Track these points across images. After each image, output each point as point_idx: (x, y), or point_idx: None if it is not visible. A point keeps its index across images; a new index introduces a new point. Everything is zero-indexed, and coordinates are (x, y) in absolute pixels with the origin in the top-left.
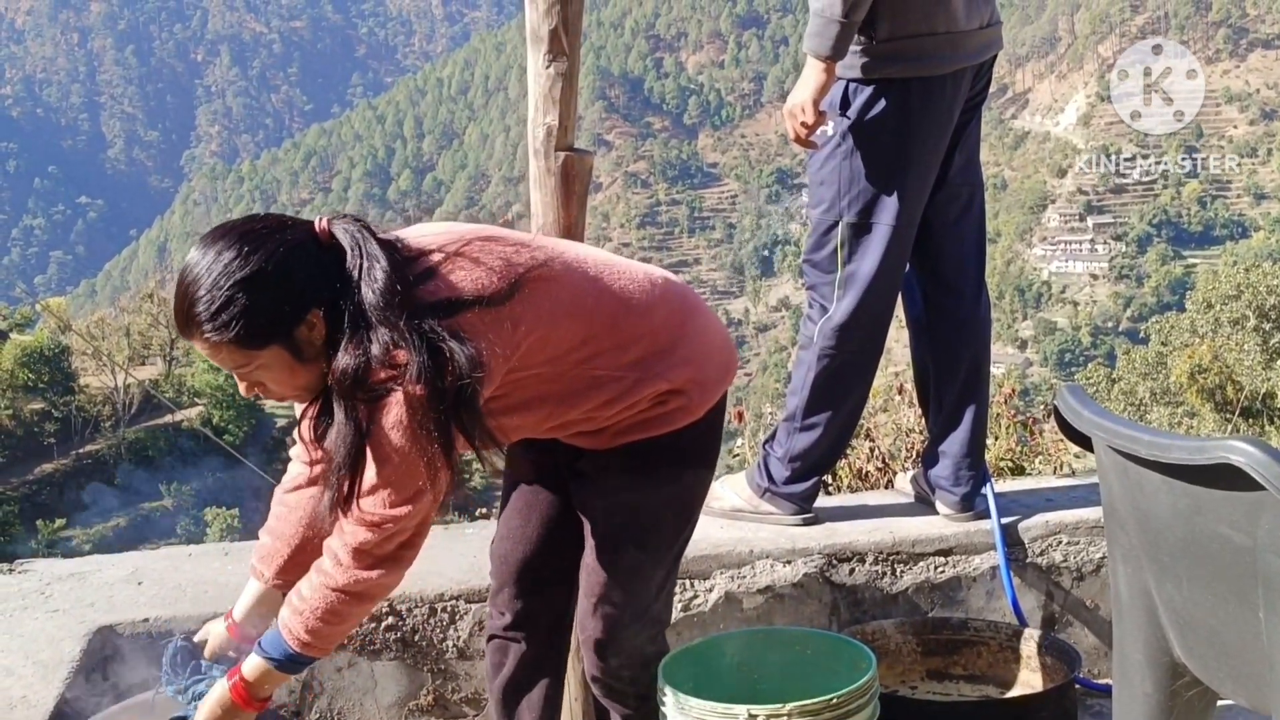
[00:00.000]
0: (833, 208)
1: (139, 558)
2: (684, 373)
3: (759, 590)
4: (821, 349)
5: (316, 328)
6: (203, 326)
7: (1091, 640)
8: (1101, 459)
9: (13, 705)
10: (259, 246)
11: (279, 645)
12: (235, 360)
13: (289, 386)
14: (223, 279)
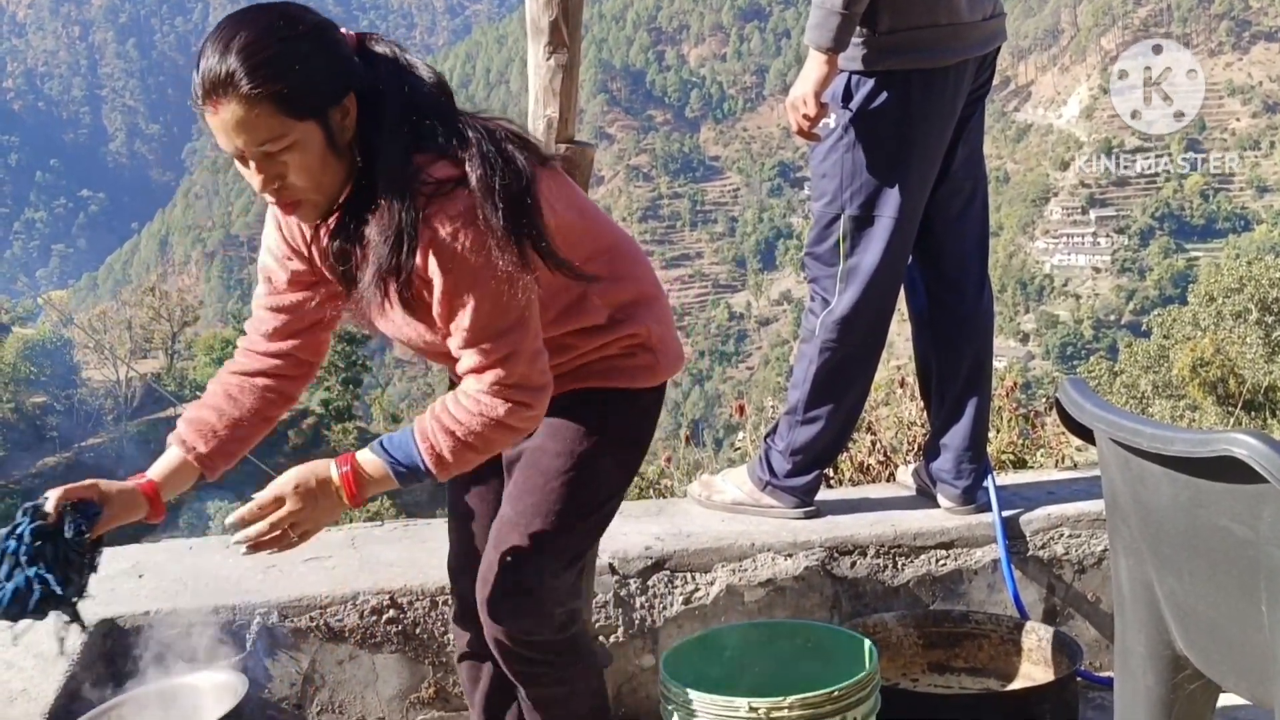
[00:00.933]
0: (835, 200)
1: (140, 551)
2: (658, 331)
3: (760, 583)
4: (823, 342)
5: (350, 115)
6: (240, 80)
7: (1093, 633)
8: (1103, 452)
9: (13, 698)
10: (302, 15)
11: (411, 454)
12: (268, 129)
13: (313, 180)
14: (268, 33)
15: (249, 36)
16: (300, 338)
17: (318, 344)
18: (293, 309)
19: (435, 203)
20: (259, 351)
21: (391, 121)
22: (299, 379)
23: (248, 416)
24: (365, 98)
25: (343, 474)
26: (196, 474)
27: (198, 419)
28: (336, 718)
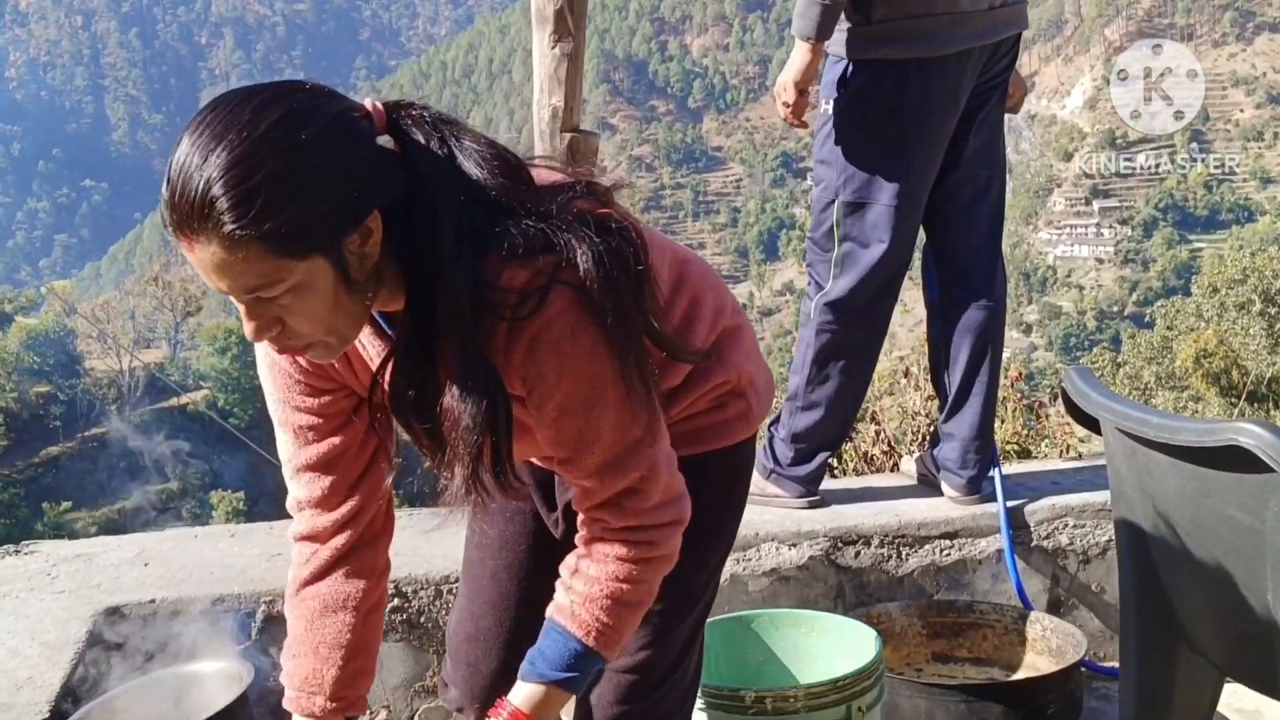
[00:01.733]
0: (830, 187)
1: (145, 539)
2: (748, 370)
3: (764, 573)
4: (819, 325)
5: (373, 237)
6: (224, 215)
7: (1097, 623)
8: (1110, 441)
9: (19, 686)
10: (313, 109)
11: (566, 652)
12: (260, 274)
13: (322, 324)
14: (263, 146)
15: (236, 151)
16: (361, 488)
17: (380, 481)
18: (340, 455)
19: (524, 320)
20: (321, 534)
21: (447, 233)
22: (380, 540)
23: (350, 630)
24: (401, 206)
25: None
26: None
27: (301, 673)
28: None
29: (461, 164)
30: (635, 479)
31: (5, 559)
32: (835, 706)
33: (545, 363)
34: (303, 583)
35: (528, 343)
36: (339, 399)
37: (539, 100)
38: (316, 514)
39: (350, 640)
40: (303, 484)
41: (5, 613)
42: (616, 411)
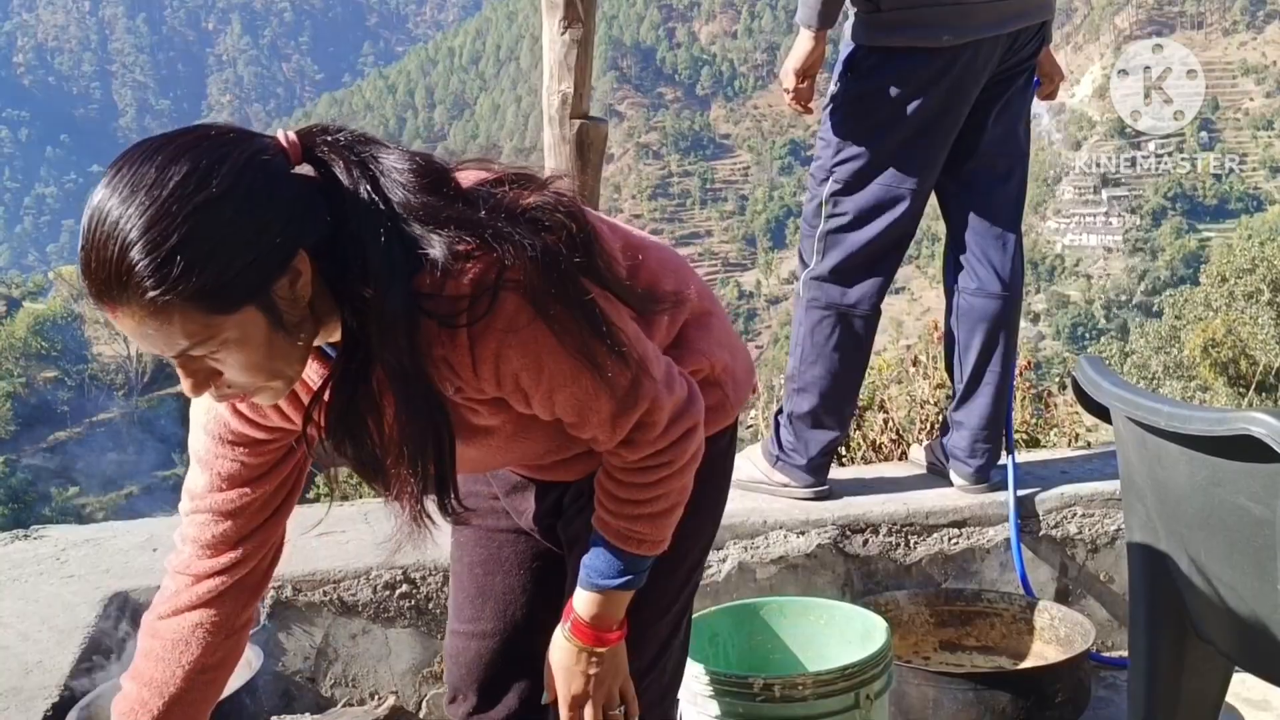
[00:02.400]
0: (824, 164)
1: (154, 524)
2: (721, 357)
3: (772, 560)
4: (808, 301)
5: (303, 277)
6: (144, 281)
7: (1105, 613)
8: (1120, 430)
9: (28, 670)
10: (222, 157)
11: (616, 560)
12: (189, 334)
13: (261, 372)
14: (174, 205)
15: (147, 213)
16: (249, 542)
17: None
18: (245, 507)
19: (481, 320)
20: (194, 574)
21: (374, 260)
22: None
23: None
24: (327, 238)
25: (572, 632)
26: None
27: (121, 707)
28: (350, 691)
29: (383, 186)
30: (641, 414)
31: (15, 544)
32: (843, 694)
33: (521, 358)
34: (157, 615)
35: (494, 348)
36: (266, 449)
37: (548, 86)
38: (199, 555)
39: (174, 692)
40: (196, 524)
41: (15, 597)
42: (600, 374)
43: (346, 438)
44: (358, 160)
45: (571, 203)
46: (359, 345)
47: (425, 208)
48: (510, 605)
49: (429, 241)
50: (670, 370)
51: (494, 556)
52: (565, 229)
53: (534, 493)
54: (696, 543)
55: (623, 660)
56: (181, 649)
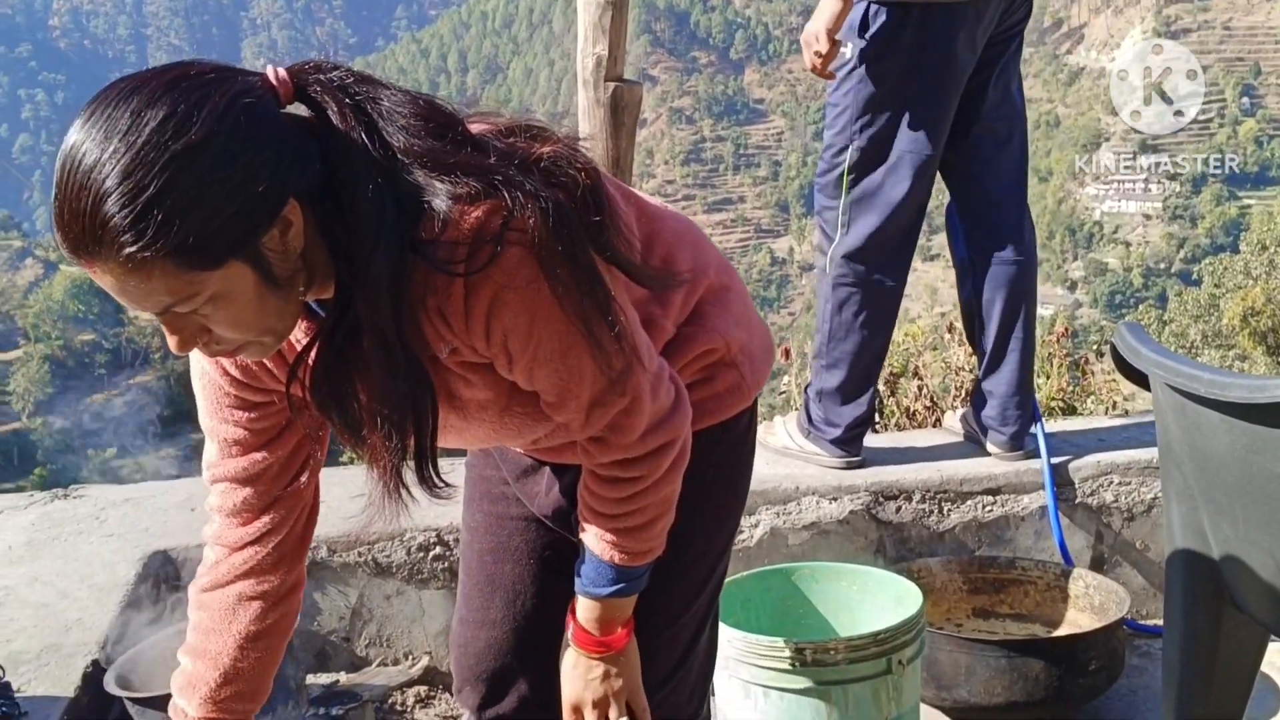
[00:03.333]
0: (844, 131)
1: (192, 484)
2: (737, 335)
3: (804, 526)
4: (835, 278)
5: (294, 227)
6: (121, 236)
7: (1140, 581)
8: (1158, 397)
9: (68, 627)
10: (203, 99)
11: (605, 571)
12: (172, 290)
13: (250, 327)
14: (151, 153)
15: (121, 163)
16: (278, 508)
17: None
18: (262, 472)
19: (479, 273)
20: (230, 544)
21: (366, 215)
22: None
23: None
24: (321, 183)
25: (573, 638)
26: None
27: (178, 682)
28: (384, 651)
29: (381, 128)
30: (619, 413)
31: (55, 503)
32: (875, 659)
33: (513, 317)
34: (201, 588)
35: (489, 300)
36: (269, 413)
37: (583, 49)
38: (228, 524)
39: (228, 665)
40: (219, 493)
41: (55, 555)
42: (590, 354)
43: (331, 401)
44: (353, 103)
45: (587, 160)
46: (351, 304)
47: (428, 152)
48: (520, 595)
49: (432, 188)
50: (662, 371)
51: (504, 545)
52: (579, 186)
53: (545, 477)
54: (717, 537)
55: (632, 669)
56: (230, 619)
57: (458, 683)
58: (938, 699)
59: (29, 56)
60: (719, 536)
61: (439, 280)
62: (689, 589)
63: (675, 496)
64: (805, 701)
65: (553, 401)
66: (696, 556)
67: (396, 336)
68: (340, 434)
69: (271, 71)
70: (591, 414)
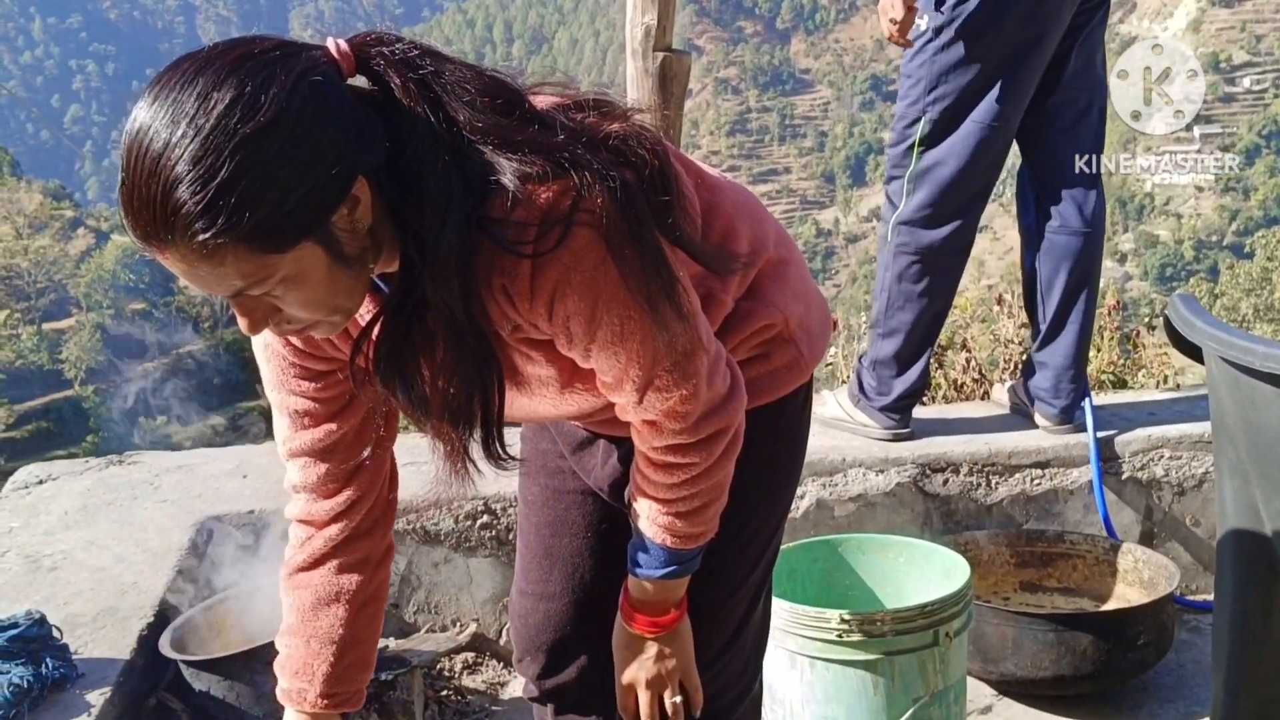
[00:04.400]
0: (917, 102)
1: (243, 452)
2: (795, 310)
3: (850, 498)
4: (896, 246)
5: (361, 206)
6: (193, 223)
7: (1189, 557)
8: (1212, 371)
9: (124, 591)
10: (269, 79)
11: (661, 555)
12: (244, 274)
13: (320, 306)
14: (220, 138)
15: (190, 148)
16: (359, 478)
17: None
18: (336, 443)
19: (547, 255)
20: (316, 520)
21: (433, 192)
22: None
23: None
24: (388, 157)
25: (625, 618)
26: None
27: (293, 666)
28: (432, 617)
29: (446, 104)
30: (677, 398)
31: (110, 469)
32: (922, 631)
33: (577, 300)
34: (296, 568)
35: (555, 281)
36: (335, 382)
37: (632, 19)
38: (312, 500)
39: (343, 635)
40: (298, 468)
41: (110, 520)
42: (653, 339)
43: (395, 377)
44: (418, 78)
45: (656, 138)
46: (418, 280)
47: (495, 129)
48: (578, 568)
49: (499, 166)
50: (720, 356)
51: (561, 518)
52: (648, 165)
53: (600, 450)
54: (771, 513)
55: (685, 648)
56: (335, 593)
57: (518, 653)
58: (984, 672)
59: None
60: (773, 513)
61: (506, 259)
62: (743, 565)
63: (728, 482)
64: (851, 673)
65: (610, 382)
66: (751, 533)
67: (465, 315)
68: (404, 410)
69: (333, 44)
70: (647, 397)
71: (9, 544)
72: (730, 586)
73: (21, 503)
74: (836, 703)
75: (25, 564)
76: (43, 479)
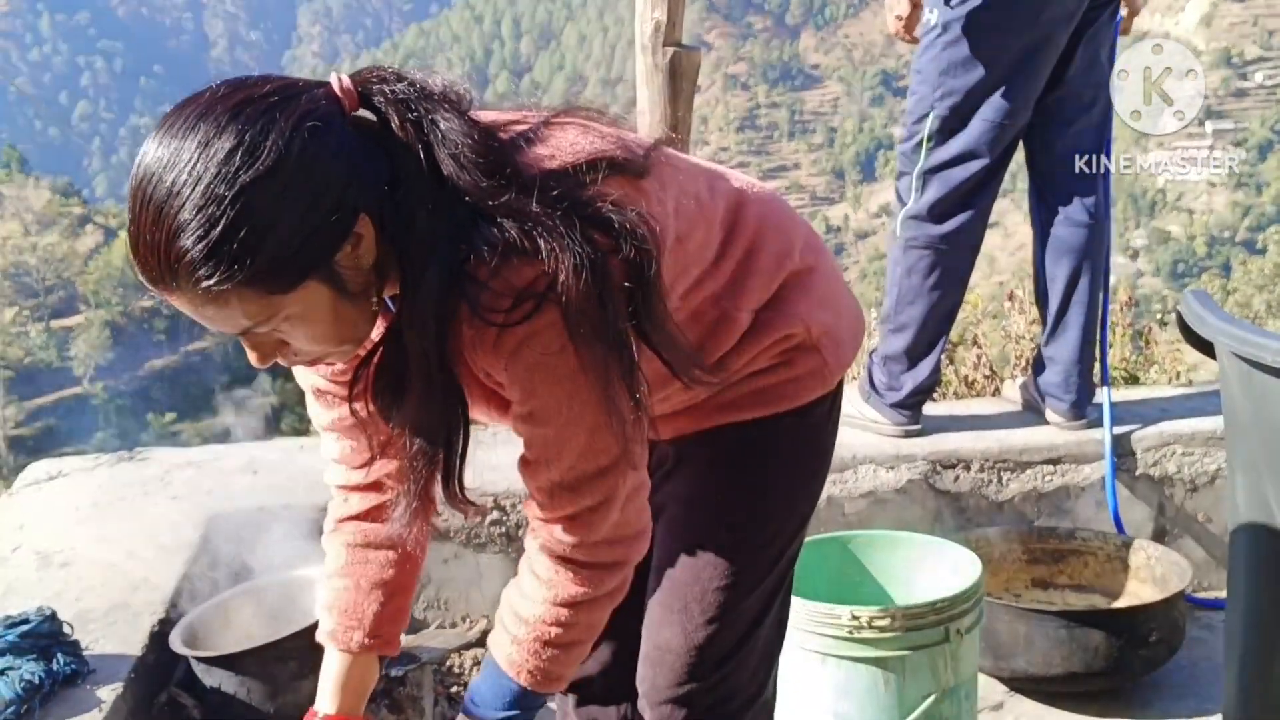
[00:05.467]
0: (925, 99)
1: (254, 448)
2: (821, 318)
3: (861, 495)
4: (905, 241)
5: (364, 242)
6: (196, 269)
7: (1202, 554)
8: (1225, 366)
9: (135, 587)
10: (268, 125)
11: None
12: (250, 315)
13: (328, 340)
14: (221, 186)
15: (191, 198)
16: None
17: None
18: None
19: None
20: (355, 488)
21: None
22: None
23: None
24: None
25: None
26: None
27: (341, 606)
28: (442, 614)
29: (436, 155)
30: (584, 508)
31: (120, 465)
32: (933, 628)
33: (527, 372)
34: (340, 519)
35: (513, 347)
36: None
37: (641, 14)
38: (348, 471)
39: (391, 578)
40: (330, 441)
41: (121, 516)
42: (588, 435)
43: (385, 400)
44: (414, 120)
45: (645, 231)
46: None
47: (475, 189)
48: None
49: (476, 230)
50: (643, 486)
51: None
52: (630, 251)
53: None
54: (790, 518)
55: None
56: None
57: None
58: (995, 669)
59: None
60: (792, 518)
61: (475, 324)
62: (760, 567)
63: (599, 629)
64: (862, 669)
65: (531, 459)
66: (769, 536)
67: (436, 357)
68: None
69: (336, 81)
70: (556, 495)
71: (20, 540)
72: (746, 587)
73: (32, 499)
74: (847, 699)
75: (36, 560)
76: (53, 475)
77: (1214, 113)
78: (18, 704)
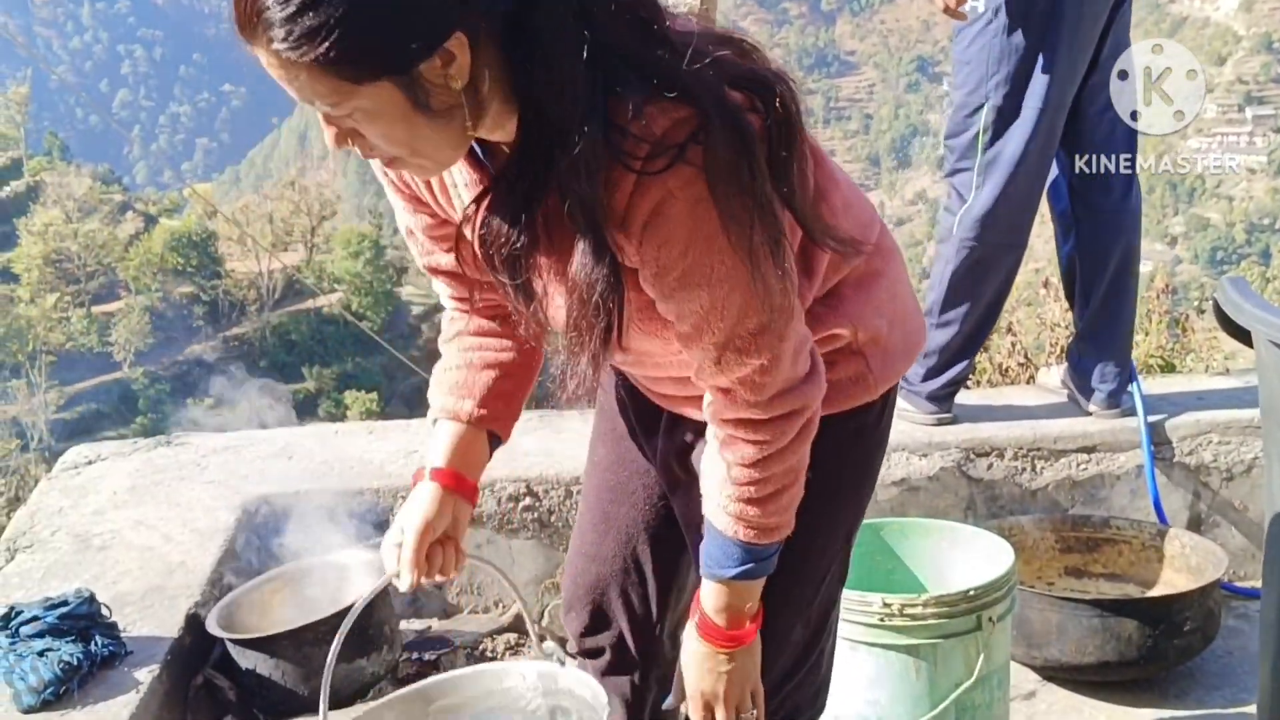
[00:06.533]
0: (978, 89)
1: (288, 433)
2: (873, 324)
3: (894, 482)
4: (961, 240)
5: (456, 62)
6: (272, 33)
7: (1239, 543)
8: (1262, 354)
9: (172, 570)
10: None
11: (731, 551)
12: (318, 93)
13: (400, 145)
14: None
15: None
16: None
17: None
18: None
19: (653, 176)
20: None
21: (571, 70)
22: None
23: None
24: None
25: (699, 630)
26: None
27: (451, 379)
28: (475, 599)
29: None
30: (755, 367)
31: (158, 449)
32: (965, 616)
33: (672, 229)
34: (456, 332)
35: (654, 203)
36: (442, 218)
37: (675, 1)
38: (460, 304)
39: (505, 361)
40: (438, 282)
41: (158, 500)
42: (743, 291)
43: (500, 258)
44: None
45: (791, 91)
46: (533, 160)
47: (629, 39)
48: (632, 539)
49: (625, 78)
50: (806, 338)
51: (623, 485)
52: (775, 115)
53: (664, 424)
54: (836, 531)
55: (756, 660)
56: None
57: (565, 604)
58: (1028, 657)
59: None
60: (836, 532)
61: (612, 172)
62: (812, 580)
63: (803, 469)
64: (894, 657)
65: (687, 332)
66: (819, 548)
67: (596, 206)
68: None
69: None
70: (724, 358)
71: (59, 523)
72: (803, 601)
73: (71, 483)
74: (879, 687)
75: (75, 543)
76: (92, 459)
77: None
78: (56, 684)
